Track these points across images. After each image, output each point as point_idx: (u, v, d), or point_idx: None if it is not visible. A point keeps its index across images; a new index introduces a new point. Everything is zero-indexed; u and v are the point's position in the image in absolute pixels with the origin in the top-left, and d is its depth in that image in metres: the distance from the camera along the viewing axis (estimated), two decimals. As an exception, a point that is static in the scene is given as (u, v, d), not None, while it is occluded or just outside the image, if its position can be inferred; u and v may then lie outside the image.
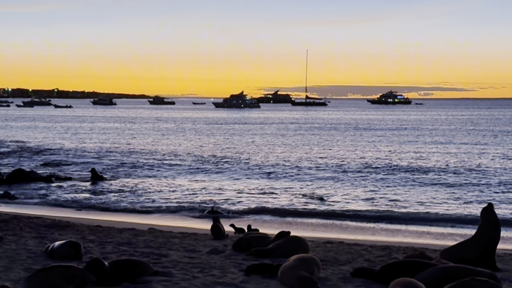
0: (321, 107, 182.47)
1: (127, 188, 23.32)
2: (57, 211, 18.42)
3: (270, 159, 33.89)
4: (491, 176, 26.78)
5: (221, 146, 43.28)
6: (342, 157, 35.12)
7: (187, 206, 19.64)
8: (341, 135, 56.66)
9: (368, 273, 8.20)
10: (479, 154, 36.96)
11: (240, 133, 59.84)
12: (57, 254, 8.99)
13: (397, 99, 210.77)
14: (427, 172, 27.95)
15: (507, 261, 10.01)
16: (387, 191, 22.68)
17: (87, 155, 36.48)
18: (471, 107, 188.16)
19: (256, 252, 9.58)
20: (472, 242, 9.03)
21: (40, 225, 13.31)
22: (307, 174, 27.57)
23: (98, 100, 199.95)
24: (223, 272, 8.44)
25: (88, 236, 11.82)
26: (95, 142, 47.41)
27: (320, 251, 10.59)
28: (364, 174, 27.37)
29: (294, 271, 7.67)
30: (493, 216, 8.94)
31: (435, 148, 41.95)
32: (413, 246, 12.63)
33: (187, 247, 10.67)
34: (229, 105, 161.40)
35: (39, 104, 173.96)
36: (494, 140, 49.73)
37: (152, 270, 8.10)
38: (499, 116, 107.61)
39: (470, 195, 21.85)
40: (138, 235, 12.24)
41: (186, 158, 34.62)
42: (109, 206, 19.80)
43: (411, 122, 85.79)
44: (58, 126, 71.18)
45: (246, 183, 25.02)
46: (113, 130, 64.15)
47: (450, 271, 7.45)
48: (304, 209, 19.20)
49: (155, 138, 52.00)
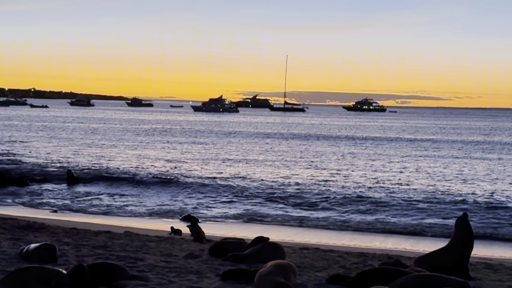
0: (299, 112, 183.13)
1: (102, 190, 23.17)
2: (32, 213, 18.24)
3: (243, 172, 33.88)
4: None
5: (200, 152, 43.20)
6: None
7: (164, 210, 19.60)
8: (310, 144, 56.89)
9: (343, 280, 8.27)
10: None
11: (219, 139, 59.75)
12: (32, 256, 8.91)
13: (372, 107, 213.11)
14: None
15: (480, 269, 10.17)
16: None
17: (61, 158, 36.14)
18: (440, 116, 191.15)
19: (233, 257, 9.60)
20: (447, 250, 9.16)
21: (15, 226, 13.15)
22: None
23: (76, 101, 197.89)
24: (199, 277, 8.45)
25: (63, 238, 11.72)
26: (70, 143, 46.99)
27: (297, 257, 10.65)
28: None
29: (270, 277, 7.71)
30: (467, 225, 9.08)
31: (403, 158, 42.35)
32: (388, 253, 12.75)
33: (163, 251, 10.65)
34: (208, 109, 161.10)
35: (15, 103, 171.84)
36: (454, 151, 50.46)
37: (128, 274, 8.07)
38: (463, 126, 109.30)
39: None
40: (114, 238, 12.18)
41: (163, 163, 34.50)
42: (84, 208, 19.66)
43: (378, 129, 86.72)
44: (35, 126, 70.39)
45: (221, 191, 25.01)
46: (90, 130, 63.63)
47: (424, 279, 7.55)
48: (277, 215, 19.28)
49: (131, 140, 51.70)
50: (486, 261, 11.49)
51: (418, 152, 46.61)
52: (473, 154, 45.38)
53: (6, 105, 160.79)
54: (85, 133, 60.47)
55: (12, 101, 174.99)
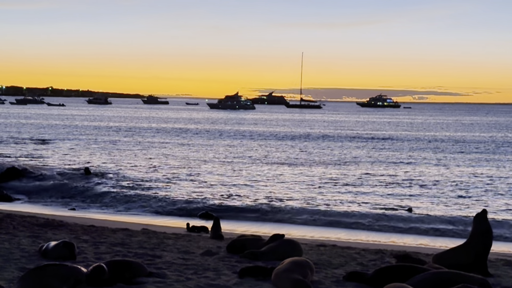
0: (316, 109, 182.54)
1: (120, 188, 23.26)
2: (51, 210, 18.40)
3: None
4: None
5: (225, 149, 43.27)
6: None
7: (181, 207, 19.65)
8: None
9: (361, 277, 8.24)
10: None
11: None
12: (51, 254, 8.99)
13: (386, 103, 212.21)
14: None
15: (499, 266, 10.08)
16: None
17: (80, 154, 36.39)
18: (458, 112, 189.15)
19: (250, 254, 9.61)
20: (465, 247, 9.09)
21: (34, 224, 13.28)
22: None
23: (94, 99, 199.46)
24: (217, 274, 8.46)
25: (81, 236, 11.80)
26: (89, 141, 47.30)
27: (314, 254, 10.63)
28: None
29: (287, 274, 7.70)
30: (485, 222, 9.00)
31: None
32: (406, 250, 12.68)
33: (181, 248, 10.69)
34: (224, 106, 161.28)
35: (32, 102, 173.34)
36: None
37: (146, 271, 8.12)
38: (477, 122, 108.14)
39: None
40: (132, 236, 12.24)
41: (181, 160, 34.60)
42: (102, 205, 19.79)
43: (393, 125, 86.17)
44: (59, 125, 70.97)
45: (237, 186, 25.03)
46: (107, 129, 64.02)
47: (442, 276, 7.50)
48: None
49: (150, 137, 51.92)
50: (506, 258, 11.39)
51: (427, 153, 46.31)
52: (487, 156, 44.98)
53: (24, 104, 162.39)
54: (110, 132, 60.82)
55: (29, 100, 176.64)
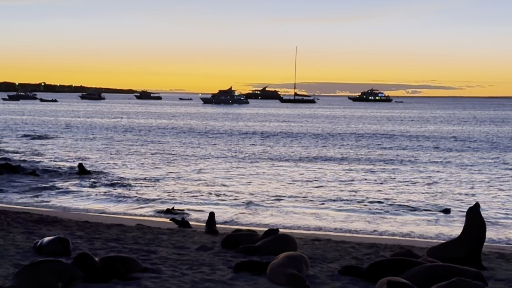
0: (310, 104, 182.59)
1: (113, 184, 23.23)
2: (45, 206, 18.34)
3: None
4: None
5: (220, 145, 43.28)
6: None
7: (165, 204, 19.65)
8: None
9: (355, 271, 8.27)
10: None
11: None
12: (46, 250, 8.98)
13: (378, 97, 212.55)
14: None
15: (493, 259, 10.13)
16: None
17: (71, 153, 36.31)
18: (449, 106, 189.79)
19: (245, 249, 9.63)
20: (459, 241, 9.13)
21: (28, 220, 13.25)
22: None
23: (87, 95, 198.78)
24: (212, 269, 8.47)
25: (76, 232, 11.79)
26: (83, 137, 47.20)
27: (308, 248, 10.66)
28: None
29: (282, 269, 7.72)
30: (478, 216, 9.04)
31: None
32: (400, 244, 12.73)
33: (175, 244, 10.69)
34: (218, 101, 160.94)
35: (25, 98, 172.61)
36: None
37: (141, 267, 8.12)
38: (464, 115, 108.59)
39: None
40: (127, 231, 12.24)
41: (176, 156, 34.59)
42: (95, 201, 19.75)
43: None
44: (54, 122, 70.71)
45: (236, 184, 25.06)
46: (100, 125, 63.87)
47: (436, 270, 7.53)
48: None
49: (143, 134, 51.86)
50: (499, 251, 11.45)
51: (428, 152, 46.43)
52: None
53: (16, 100, 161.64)
54: (102, 129, 60.68)
55: (22, 95, 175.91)
